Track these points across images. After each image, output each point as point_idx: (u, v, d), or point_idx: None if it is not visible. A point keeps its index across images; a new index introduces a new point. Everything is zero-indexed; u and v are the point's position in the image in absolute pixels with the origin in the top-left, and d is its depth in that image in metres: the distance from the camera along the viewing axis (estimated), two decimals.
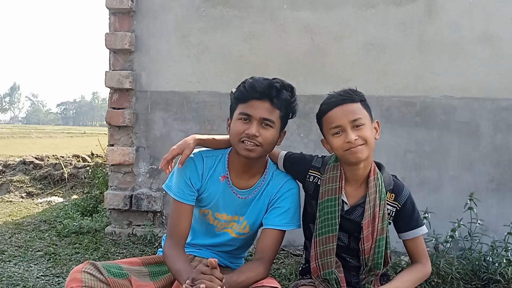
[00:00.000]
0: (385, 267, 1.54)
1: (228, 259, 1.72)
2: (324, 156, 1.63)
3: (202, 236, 1.70)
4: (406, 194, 1.54)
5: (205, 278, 1.26)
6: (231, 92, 1.56)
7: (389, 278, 1.62)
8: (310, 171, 1.59)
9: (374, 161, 1.56)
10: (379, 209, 1.47)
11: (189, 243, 1.70)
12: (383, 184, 1.50)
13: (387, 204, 1.52)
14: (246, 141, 1.46)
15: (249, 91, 1.46)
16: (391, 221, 1.54)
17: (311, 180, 1.58)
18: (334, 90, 1.53)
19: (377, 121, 1.52)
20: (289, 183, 1.62)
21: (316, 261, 1.51)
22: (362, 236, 1.48)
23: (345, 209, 1.51)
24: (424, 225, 1.57)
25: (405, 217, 1.54)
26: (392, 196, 1.53)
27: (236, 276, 1.41)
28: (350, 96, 1.44)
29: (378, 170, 1.53)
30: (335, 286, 1.48)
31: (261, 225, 1.63)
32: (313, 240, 1.53)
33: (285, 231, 1.58)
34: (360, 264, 1.53)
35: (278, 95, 1.48)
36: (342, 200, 1.51)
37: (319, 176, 1.56)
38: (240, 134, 1.46)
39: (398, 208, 1.53)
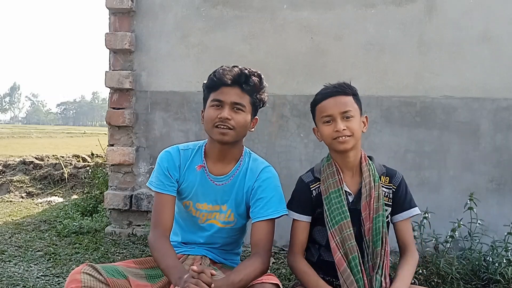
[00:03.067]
0: (383, 250, 1.53)
1: (221, 255, 1.72)
2: (312, 168, 1.67)
3: (191, 232, 1.71)
4: (399, 176, 1.63)
5: (192, 282, 1.27)
6: (203, 83, 1.63)
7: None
8: (311, 188, 1.62)
9: (367, 155, 1.64)
10: (374, 189, 1.55)
11: (180, 242, 1.71)
12: (375, 169, 1.59)
13: (383, 187, 1.60)
14: (220, 125, 1.52)
15: (220, 79, 1.54)
16: (390, 203, 1.60)
17: (315, 194, 1.61)
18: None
19: (366, 116, 1.61)
20: (266, 171, 1.64)
21: (340, 251, 1.51)
22: (362, 218, 1.54)
23: (350, 200, 1.57)
24: (417, 207, 1.63)
25: (400, 199, 1.61)
26: (387, 179, 1.62)
27: (234, 276, 1.41)
28: (343, 89, 1.54)
29: (368, 159, 1.62)
30: (359, 274, 1.48)
31: (247, 215, 1.65)
32: (329, 234, 1.54)
33: (274, 219, 1.59)
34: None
35: (247, 81, 1.55)
36: (346, 191, 1.56)
37: (319, 184, 1.61)
38: (213, 119, 1.53)
39: (394, 190, 1.61)
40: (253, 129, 1.64)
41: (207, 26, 3.20)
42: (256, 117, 1.64)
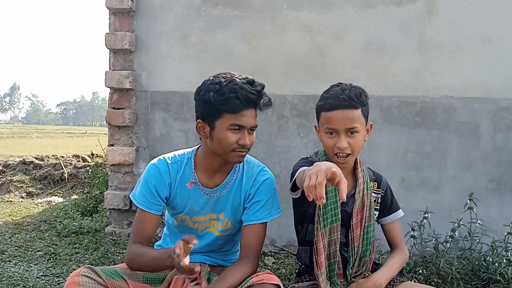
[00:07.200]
0: (370, 256, 1.60)
1: (220, 258, 1.71)
2: (317, 152, 1.66)
3: None
4: (385, 181, 1.68)
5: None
6: (211, 95, 1.43)
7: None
8: None
9: None
10: (367, 198, 1.57)
11: None
12: (367, 175, 1.60)
13: (373, 192, 1.62)
14: (240, 150, 1.47)
15: (243, 103, 1.41)
16: (378, 207, 1.63)
17: None
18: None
19: (371, 124, 1.56)
20: (262, 174, 1.60)
21: (325, 253, 1.52)
22: (351, 223, 1.55)
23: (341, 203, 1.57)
24: (401, 209, 1.69)
25: (387, 203, 1.66)
26: (375, 184, 1.65)
27: (221, 284, 1.38)
28: (353, 104, 1.44)
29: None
30: (335, 280, 1.52)
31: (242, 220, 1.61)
32: (318, 233, 1.52)
33: (267, 222, 1.57)
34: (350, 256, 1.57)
35: (263, 102, 1.49)
36: None
37: None
38: (233, 144, 1.45)
39: (383, 194, 1.65)
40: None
41: (207, 26, 3.20)
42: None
